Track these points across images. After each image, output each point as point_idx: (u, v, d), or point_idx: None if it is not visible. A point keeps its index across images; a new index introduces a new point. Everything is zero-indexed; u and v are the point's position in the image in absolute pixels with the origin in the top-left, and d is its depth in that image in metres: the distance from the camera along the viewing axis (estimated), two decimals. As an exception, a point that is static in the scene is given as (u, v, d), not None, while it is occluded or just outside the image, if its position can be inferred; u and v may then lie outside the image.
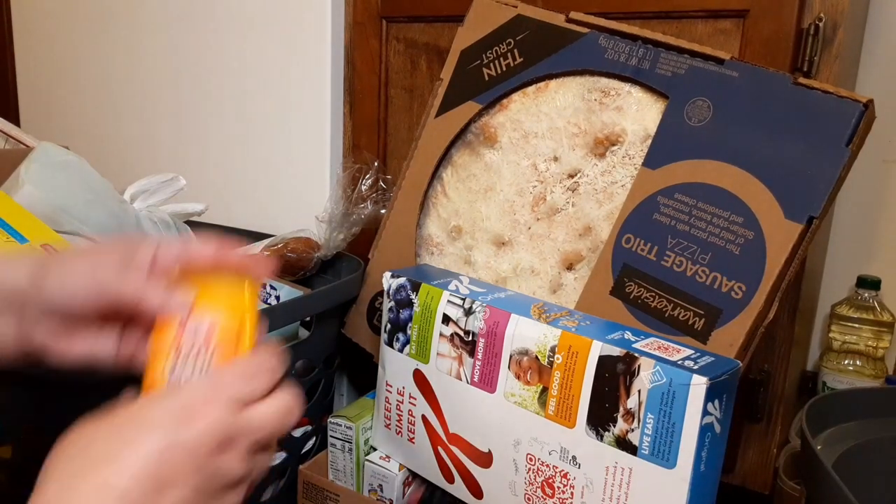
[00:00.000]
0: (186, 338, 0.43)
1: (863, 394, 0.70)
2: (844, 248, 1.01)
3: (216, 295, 0.44)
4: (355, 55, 1.02)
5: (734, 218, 0.60)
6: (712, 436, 0.51)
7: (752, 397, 0.82)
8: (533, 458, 0.60)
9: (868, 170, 0.94)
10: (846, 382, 0.92)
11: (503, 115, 0.76)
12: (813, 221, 0.58)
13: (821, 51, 0.73)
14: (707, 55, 0.64)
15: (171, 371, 0.42)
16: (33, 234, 0.67)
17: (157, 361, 0.42)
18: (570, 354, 0.56)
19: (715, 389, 0.50)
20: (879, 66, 0.94)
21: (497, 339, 0.61)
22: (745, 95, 0.62)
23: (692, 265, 0.62)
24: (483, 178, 0.77)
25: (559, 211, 0.71)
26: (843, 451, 0.62)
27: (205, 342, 0.43)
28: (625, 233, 0.66)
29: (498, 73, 0.75)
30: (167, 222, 0.82)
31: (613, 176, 0.69)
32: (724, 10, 0.77)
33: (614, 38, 0.69)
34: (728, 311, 0.59)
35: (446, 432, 0.67)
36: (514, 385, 0.60)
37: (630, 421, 0.53)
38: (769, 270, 0.58)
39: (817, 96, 0.58)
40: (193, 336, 0.43)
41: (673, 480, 0.51)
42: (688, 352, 0.54)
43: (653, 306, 0.63)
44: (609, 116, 0.69)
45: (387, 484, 0.74)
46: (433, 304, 0.66)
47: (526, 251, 0.73)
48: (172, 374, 0.42)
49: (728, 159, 0.61)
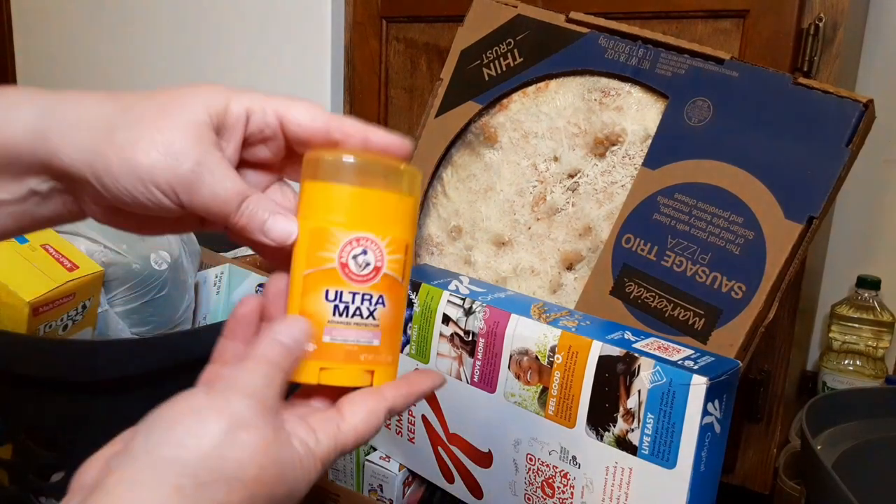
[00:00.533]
0: (343, 254, 0.33)
1: (863, 394, 0.70)
2: (844, 247, 1.01)
3: (370, 197, 0.33)
4: (355, 55, 1.02)
5: (734, 218, 0.60)
6: (712, 436, 0.51)
7: (752, 397, 0.82)
8: (533, 458, 0.60)
9: (868, 170, 0.94)
10: (846, 382, 0.92)
11: (503, 115, 0.76)
12: (813, 221, 0.58)
13: (821, 51, 0.73)
14: (707, 55, 0.64)
15: (333, 307, 0.33)
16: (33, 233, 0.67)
17: (309, 288, 0.33)
18: (570, 354, 0.56)
19: (715, 389, 0.50)
20: (879, 65, 0.94)
21: (497, 339, 0.61)
22: (746, 95, 0.62)
23: (692, 265, 0.62)
24: (483, 178, 0.77)
25: (559, 211, 0.71)
26: (843, 451, 0.62)
27: (370, 266, 0.33)
28: (625, 233, 0.66)
29: (498, 73, 0.75)
30: (167, 222, 0.82)
31: (613, 176, 0.69)
32: (724, 10, 0.77)
33: (614, 38, 0.69)
34: (728, 311, 0.59)
35: (446, 432, 0.67)
36: (514, 385, 0.60)
37: (630, 421, 0.53)
38: (769, 270, 0.58)
39: (817, 96, 0.58)
40: (350, 255, 0.33)
41: (673, 480, 0.51)
42: (688, 352, 0.54)
43: (653, 306, 0.63)
44: (609, 116, 0.69)
45: (387, 484, 0.74)
46: (433, 304, 0.66)
47: (526, 251, 0.73)
48: (335, 313, 0.33)
49: (728, 159, 0.61)
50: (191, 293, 0.81)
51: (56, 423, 0.62)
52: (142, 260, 0.73)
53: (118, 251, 0.71)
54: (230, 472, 0.27)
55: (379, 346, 0.34)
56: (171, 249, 0.76)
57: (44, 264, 0.64)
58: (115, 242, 0.71)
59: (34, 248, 0.65)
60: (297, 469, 0.30)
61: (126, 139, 0.30)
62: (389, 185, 0.34)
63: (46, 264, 0.64)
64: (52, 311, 0.63)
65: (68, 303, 0.65)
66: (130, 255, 0.72)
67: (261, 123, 0.33)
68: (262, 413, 0.29)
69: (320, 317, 0.33)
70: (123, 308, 0.73)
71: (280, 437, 0.30)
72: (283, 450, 0.29)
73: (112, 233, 0.72)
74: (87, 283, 0.66)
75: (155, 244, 0.75)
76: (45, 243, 0.66)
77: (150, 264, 0.73)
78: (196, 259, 0.84)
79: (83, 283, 0.66)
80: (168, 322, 0.77)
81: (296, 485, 0.30)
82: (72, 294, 0.65)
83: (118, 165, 0.30)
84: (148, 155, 0.30)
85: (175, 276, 0.76)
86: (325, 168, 0.33)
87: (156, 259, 0.74)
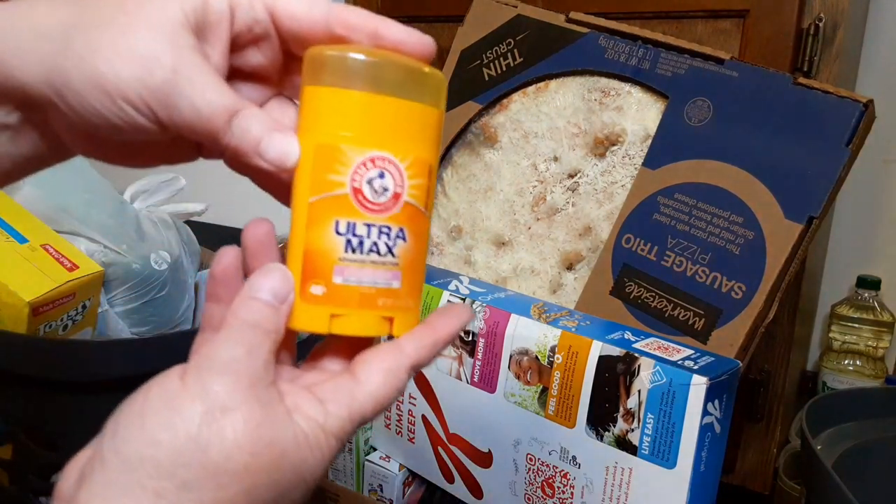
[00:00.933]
0: (355, 177, 0.27)
1: (863, 394, 0.70)
2: (844, 247, 1.01)
3: (387, 107, 0.28)
4: (355, 55, 1.02)
5: (734, 218, 0.60)
6: (712, 436, 0.51)
7: (753, 397, 0.82)
8: (533, 458, 0.60)
9: (868, 170, 0.94)
10: (846, 382, 0.92)
11: (503, 115, 0.76)
12: (813, 221, 0.58)
13: (821, 51, 0.73)
14: (707, 55, 0.64)
15: (345, 242, 0.28)
16: (33, 234, 0.67)
17: (315, 218, 0.28)
18: (570, 354, 0.56)
19: (715, 389, 0.50)
20: (879, 66, 0.94)
21: (497, 339, 0.61)
22: (745, 95, 0.62)
23: (692, 265, 0.62)
24: (483, 178, 0.77)
25: (559, 211, 0.71)
26: (843, 452, 0.62)
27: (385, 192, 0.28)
28: (625, 233, 0.66)
29: (498, 73, 0.75)
30: (167, 222, 0.82)
31: (613, 176, 0.69)
32: (724, 10, 0.77)
33: (614, 38, 0.69)
34: (728, 311, 0.59)
35: (446, 432, 0.67)
36: (514, 385, 0.60)
37: (630, 421, 0.53)
38: (769, 270, 0.58)
39: (817, 96, 0.58)
40: (364, 178, 0.27)
41: (673, 480, 0.51)
42: (688, 352, 0.54)
43: (653, 306, 0.63)
44: (609, 116, 0.69)
45: (387, 484, 0.74)
46: (433, 305, 0.66)
47: (526, 251, 0.73)
48: (346, 249, 0.28)
49: (728, 159, 0.61)
50: (191, 293, 0.81)
51: (56, 423, 0.62)
52: (142, 260, 0.73)
53: (118, 251, 0.71)
54: (215, 466, 0.24)
55: (399, 289, 0.29)
56: (171, 249, 0.77)
57: (44, 264, 0.64)
58: (115, 242, 0.71)
59: (34, 248, 0.65)
60: (302, 449, 0.26)
61: (84, 46, 0.25)
62: (411, 93, 0.28)
63: (46, 264, 0.64)
64: (52, 311, 0.63)
65: (68, 303, 0.65)
66: (130, 255, 0.72)
67: (248, 19, 0.28)
68: (247, 389, 0.25)
69: (330, 254, 0.27)
70: (123, 308, 0.73)
71: (274, 414, 0.25)
72: (280, 428, 0.25)
73: (112, 233, 0.72)
74: (87, 283, 0.66)
75: (155, 244, 0.75)
76: (46, 243, 0.66)
77: (150, 264, 0.73)
78: (196, 259, 0.84)
79: (83, 283, 0.66)
80: (168, 322, 0.77)
81: (305, 467, 0.26)
82: (72, 294, 0.65)
83: (79, 79, 0.25)
84: (112, 64, 0.25)
85: (175, 276, 0.76)
86: (330, 67, 0.27)
87: (156, 259, 0.74)
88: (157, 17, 0.26)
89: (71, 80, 0.25)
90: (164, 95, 0.26)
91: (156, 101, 0.26)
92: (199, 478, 0.24)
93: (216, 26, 0.27)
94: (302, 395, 0.27)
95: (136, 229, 0.75)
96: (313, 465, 0.26)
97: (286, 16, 0.28)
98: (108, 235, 0.71)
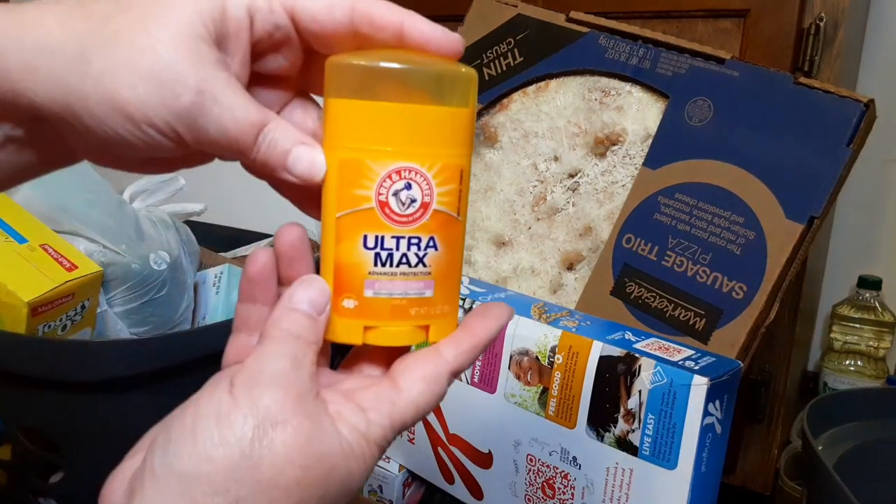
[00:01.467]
0: (381, 191, 0.27)
1: (864, 394, 0.70)
2: (845, 248, 1.01)
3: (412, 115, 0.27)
4: (355, 55, 1.02)
5: (735, 218, 0.60)
6: (713, 436, 0.51)
7: (754, 398, 0.82)
8: (533, 459, 0.60)
9: (869, 170, 0.94)
10: (847, 383, 0.92)
11: (503, 115, 0.76)
12: (814, 221, 0.57)
13: (822, 50, 0.73)
14: (708, 55, 0.64)
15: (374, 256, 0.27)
16: (33, 234, 0.67)
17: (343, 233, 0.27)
18: (571, 355, 0.56)
19: (716, 390, 0.50)
20: (880, 65, 0.94)
21: (497, 340, 0.61)
22: (746, 95, 0.61)
23: (693, 265, 0.62)
24: (483, 178, 0.77)
25: (559, 211, 0.71)
26: (844, 452, 0.62)
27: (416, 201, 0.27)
28: (625, 233, 0.65)
29: (498, 73, 0.75)
30: (167, 222, 0.82)
31: (614, 176, 0.69)
32: (725, 10, 0.77)
33: (615, 37, 0.69)
34: (729, 312, 0.59)
35: (446, 433, 0.67)
36: (514, 385, 0.60)
37: (631, 421, 0.53)
38: (770, 270, 0.58)
39: (818, 96, 0.58)
40: (390, 191, 0.27)
41: (674, 481, 0.51)
42: (688, 352, 0.54)
43: (653, 306, 0.63)
44: (609, 116, 0.69)
45: (387, 484, 0.74)
46: (433, 305, 0.66)
47: (526, 251, 0.73)
48: (376, 263, 0.27)
49: (729, 159, 0.61)
50: (190, 293, 0.81)
51: (55, 424, 0.61)
52: (141, 260, 0.72)
53: (117, 251, 0.71)
54: (268, 481, 0.24)
55: (433, 298, 0.29)
56: (170, 249, 0.76)
57: (43, 264, 0.64)
58: (114, 242, 0.71)
59: (33, 248, 0.65)
60: (348, 460, 0.26)
61: (104, 67, 0.24)
62: (436, 98, 0.27)
63: (45, 264, 0.64)
64: (51, 312, 0.63)
65: (67, 303, 0.65)
66: (129, 255, 0.72)
67: (268, 25, 0.27)
68: (295, 402, 0.25)
69: (359, 268, 0.27)
70: (122, 308, 0.73)
71: (322, 426, 0.25)
72: (328, 441, 0.25)
73: (112, 233, 0.72)
74: (86, 283, 0.66)
75: (154, 244, 0.75)
76: (45, 243, 0.66)
77: (150, 264, 0.73)
78: (195, 259, 0.84)
79: (82, 284, 0.65)
80: (167, 322, 0.77)
81: (350, 478, 0.26)
82: (71, 294, 0.65)
83: (99, 104, 0.24)
84: (134, 89, 0.24)
85: (174, 276, 0.76)
86: (349, 79, 0.26)
87: (155, 259, 0.74)
88: (176, 31, 0.24)
89: (90, 104, 0.24)
90: (191, 119, 0.25)
91: (182, 125, 0.25)
92: (252, 493, 0.24)
93: (236, 36, 0.26)
94: (344, 403, 0.27)
95: (135, 229, 0.75)
96: (357, 475, 0.26)
97: (307, 18, 0.27)
98: (107, 235, 0.71)
